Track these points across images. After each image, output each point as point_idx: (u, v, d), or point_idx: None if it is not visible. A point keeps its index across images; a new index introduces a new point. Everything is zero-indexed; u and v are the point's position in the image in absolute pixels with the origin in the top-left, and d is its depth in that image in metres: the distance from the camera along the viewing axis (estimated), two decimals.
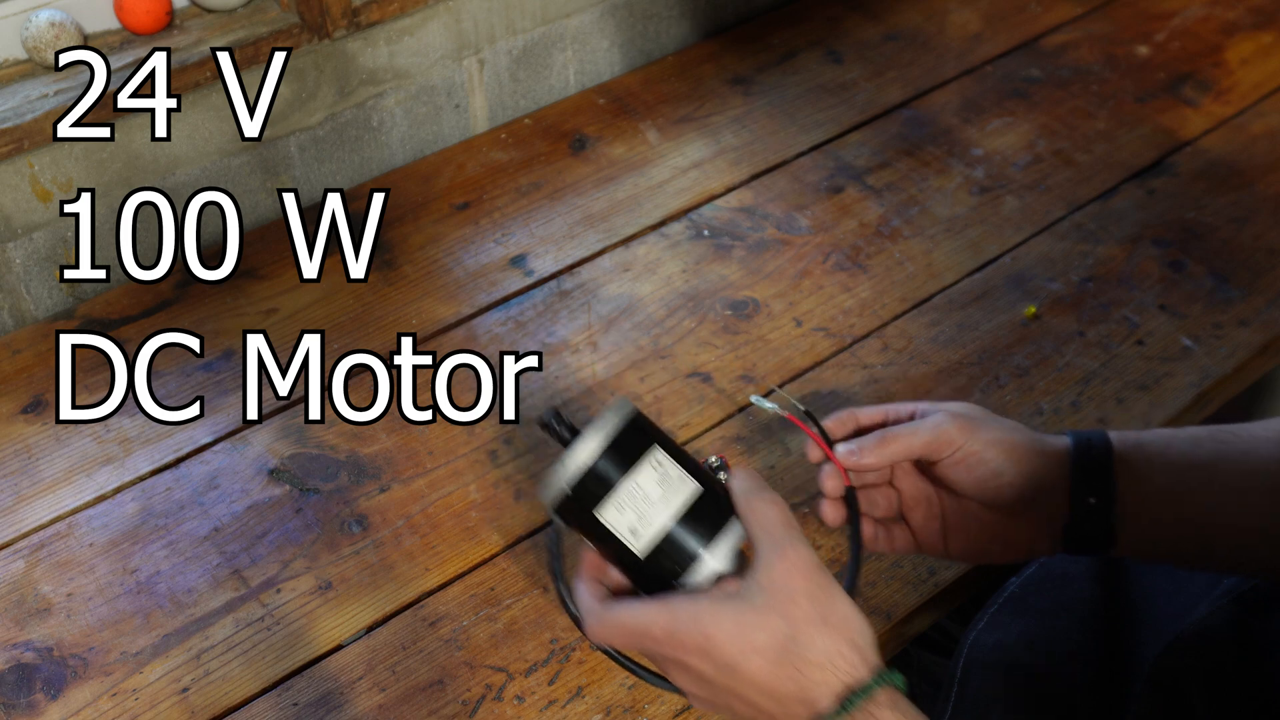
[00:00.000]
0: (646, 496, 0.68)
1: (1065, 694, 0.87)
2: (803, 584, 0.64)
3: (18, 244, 1.15)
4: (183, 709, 0.86)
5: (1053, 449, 0.76)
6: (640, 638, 0.66)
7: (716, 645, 0.64)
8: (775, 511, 0.67)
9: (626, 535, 0.68)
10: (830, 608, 0.64)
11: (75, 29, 1.12)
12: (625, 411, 0.70)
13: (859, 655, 0.64)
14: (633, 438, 0.69)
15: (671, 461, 0.69)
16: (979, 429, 0.75)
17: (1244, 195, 1.25)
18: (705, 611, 0.64)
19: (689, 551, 0.68)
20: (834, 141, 1.34)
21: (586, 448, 0.68)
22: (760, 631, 0.63)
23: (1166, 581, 0.88)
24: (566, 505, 0.69)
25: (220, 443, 1.03)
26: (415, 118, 1.34)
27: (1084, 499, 0.75)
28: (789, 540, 0.66)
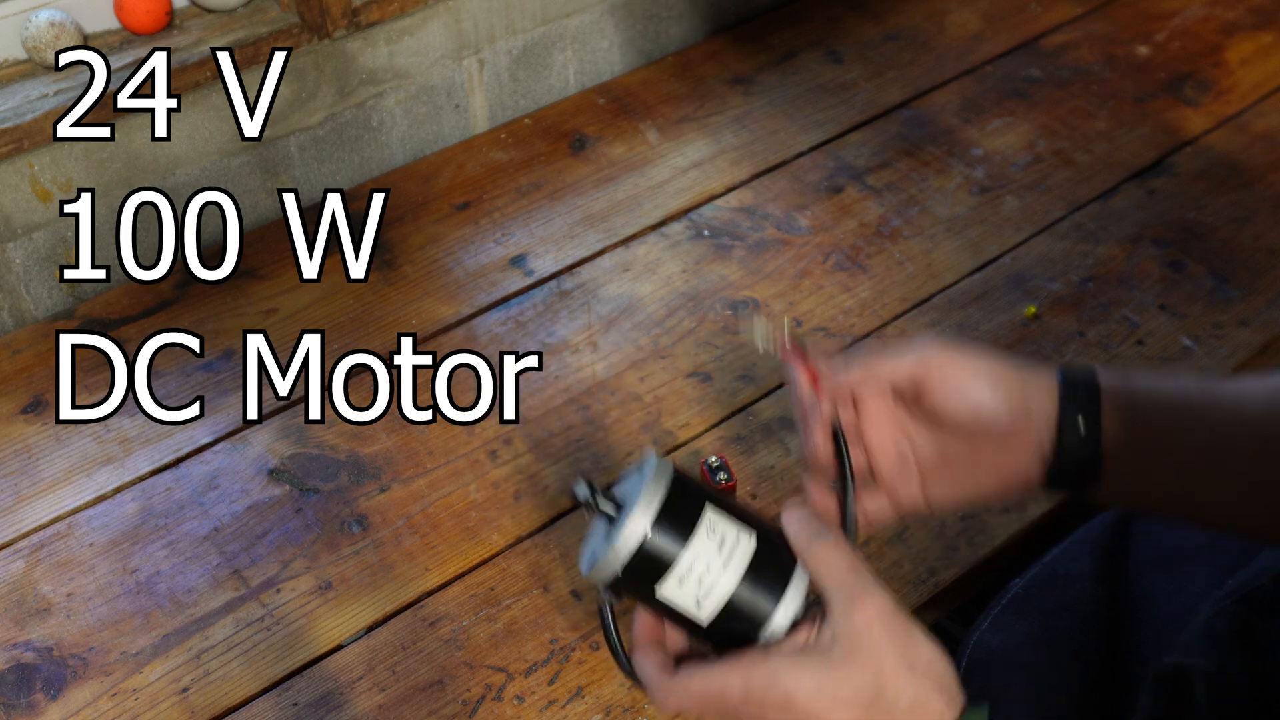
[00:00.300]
0: (708, 565, 0.64)
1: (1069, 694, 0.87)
2: (883, 633, 0.62)
3: (18, 244, 1.15)
4: (183, 709, 0.86)
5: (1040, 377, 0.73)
6: (715, 702, 0.64)
7: (799, 703, 0.62)
8: (841, 556, 0.64)
9: (690, 608, 0.64)
10: (915, 653, 0.63)
11: (75, 29, 1.12)
12: (667, 475, 0.65)
13: (946, 699, 0.62)
14: (681, 503, 0.64)
15: (724, 519, 0.65)
16: (964, 353, 0.72)
17: (1244, 195, 1.25)
18: (783, 669, 0.62)
19: (759, 612, 0.64)
20: (834, 141, 1.34)
21: (637, 525, 0.63)
22: (845, 686, 0.61)
23: (1168, 581, 0.88)
24: (619, 584, 0.65)
25: (220, 443, 1.03)
26: (415, 118, 1.34)
27: (1073, 424, 0.71)
28: (863, 586, 0.63)
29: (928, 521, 0.97)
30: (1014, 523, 0.97)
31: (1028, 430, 0.73)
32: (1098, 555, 0.93)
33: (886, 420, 0.75)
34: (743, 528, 0.65)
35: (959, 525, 0.96)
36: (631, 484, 0.67)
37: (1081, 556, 0.93)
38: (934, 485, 0.76)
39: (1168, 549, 0.90)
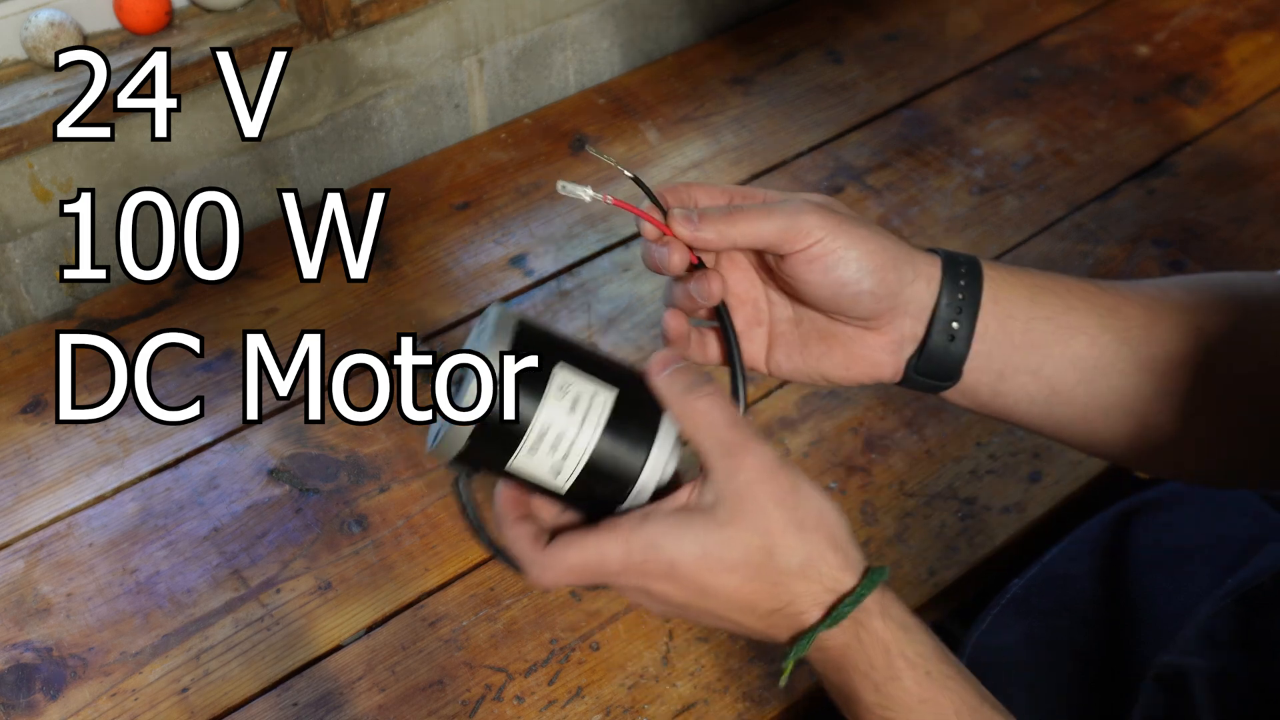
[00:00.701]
0: (561, 430, 0.58)
1: (1069, 694, 0.87)
2: (769, 489, 0.57)
3: (17, 244, 1.15)
4: (182, 709, 0.86)
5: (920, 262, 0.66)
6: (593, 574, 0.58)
7: (682, 569, 0.57)
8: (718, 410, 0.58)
9: (548, 477, 0.58)
10: (804, 510, 0.58)
11: (75, 29, 1.12)
12: (509, 331, 0.59)
13: (841, 557, 0.58)
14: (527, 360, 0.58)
15: (579, 375, 0.59)
16: (843, 225, 0.64)
17: (1244, 195, 1.25)
18: (664, 534, 0.57)
19: (624, 473, 0.58)
20: (834, 141, 1.34)
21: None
22: (730, 549, 0.57)
23: (1168, 581, 0.88)
24: (467, 457, 0.59)
25: (220, 443, 1.03)
26: (415, 118, 1.34)
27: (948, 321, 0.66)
28: (742, 442, 0.58)
29: (928, 521, 0.97)
30: (1014, 523, 0.97)
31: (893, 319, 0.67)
32: (1097, 555, 0.93)
33: (745, 270, 0.69)
34: (601, 384, 0.59)
35: (959, 525, 0.96)
36: (475, 343, 0.61)
37: (1081, 556, 0.93)
38: (778, 350, 0.69)
39: (1167, 548, 0.90)
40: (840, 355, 0.68)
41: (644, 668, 0.87)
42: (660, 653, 0.88)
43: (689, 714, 0.85)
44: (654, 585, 0.58)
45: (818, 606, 0.58)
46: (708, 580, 0.57)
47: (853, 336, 0.67)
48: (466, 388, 0.58)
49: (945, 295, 0.66)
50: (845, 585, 0.58)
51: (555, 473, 0.58)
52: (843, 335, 0.67)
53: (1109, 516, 0.95)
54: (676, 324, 0.66)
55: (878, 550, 0.95)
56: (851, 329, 0.67)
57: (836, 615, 0.57)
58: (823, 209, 0.65)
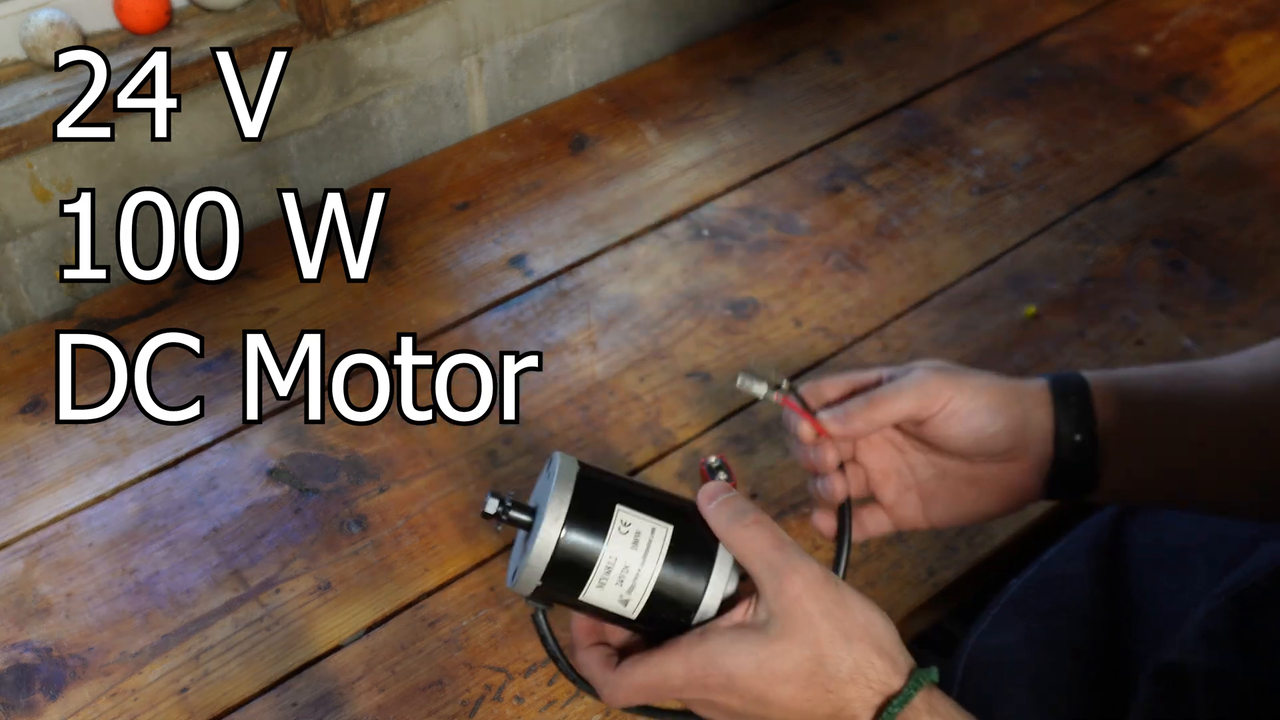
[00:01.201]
0: (626, 564, 0.64)
1: (1068, 694, 0.87)
2: (815, 603, 0.62)
3: (17, 244, 1.15)
4: (182, 709, 0.86)
5: (1032, 391, 0.74)
6: (660, 690, 0.64)
7: (740, 681, 0.62)
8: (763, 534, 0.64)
9: (617, 606, 0.64)
10: (849, 620, 0.62)
11: (75, 29, 1.12)
12: (571, 477, 0.64)
13: (888, 662, 0.62)
14: (591, 502, 0.64)
15: (637, 514, 0.65)
16: (962, 379, 0.72)
17: (1244, 195, 1.25)
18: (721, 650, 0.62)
19: (686, 598, 0.64)
20: (834, 141, 1.34)
21: (549, 534, 0.63)
22: (783, 660, 0.62)
23: (1166, 580, 0.88)
24: (543, 593, 0.65)
25: (220, 443, 1.03)
26: (415, 118, 1.34)
27: (1070, 436, 0.73)
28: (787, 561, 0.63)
29: None
30: (1013, 523, 0.97)
31: (1026, 448, 0.73)
32: (1095, 555, 0.93)
33: (885, 445, 0.76)
34: (657, 519, 0.65)
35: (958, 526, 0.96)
36: (543, 487, 0.66)
37: (1079, 556, 0.93)
38: (934, 505, 0.77)
39: (1166, 547, 0.90)
40: (991, 492, 0.75)
41: None
42: None
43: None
44: (716, 698, 0.63)
45: (868, 709, 0.62)
46: (764, 691, 0.62)
47: (997, 473, 0.74)
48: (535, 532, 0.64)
49: (1061, 416, 0.73)
50: (893, 687, 0.62)
51: (623, 603, 0.64)
52: (988, 475, 0.75)
53: (1107, 516, 0.95)
54: (827, 524, 0.74)
55: (877, 550, 0.95)
56: (995, 467, 0.74)
57: (886, 717, 0.61)
58: (940, 370, 0.73)
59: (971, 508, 0.76)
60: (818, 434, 0.72)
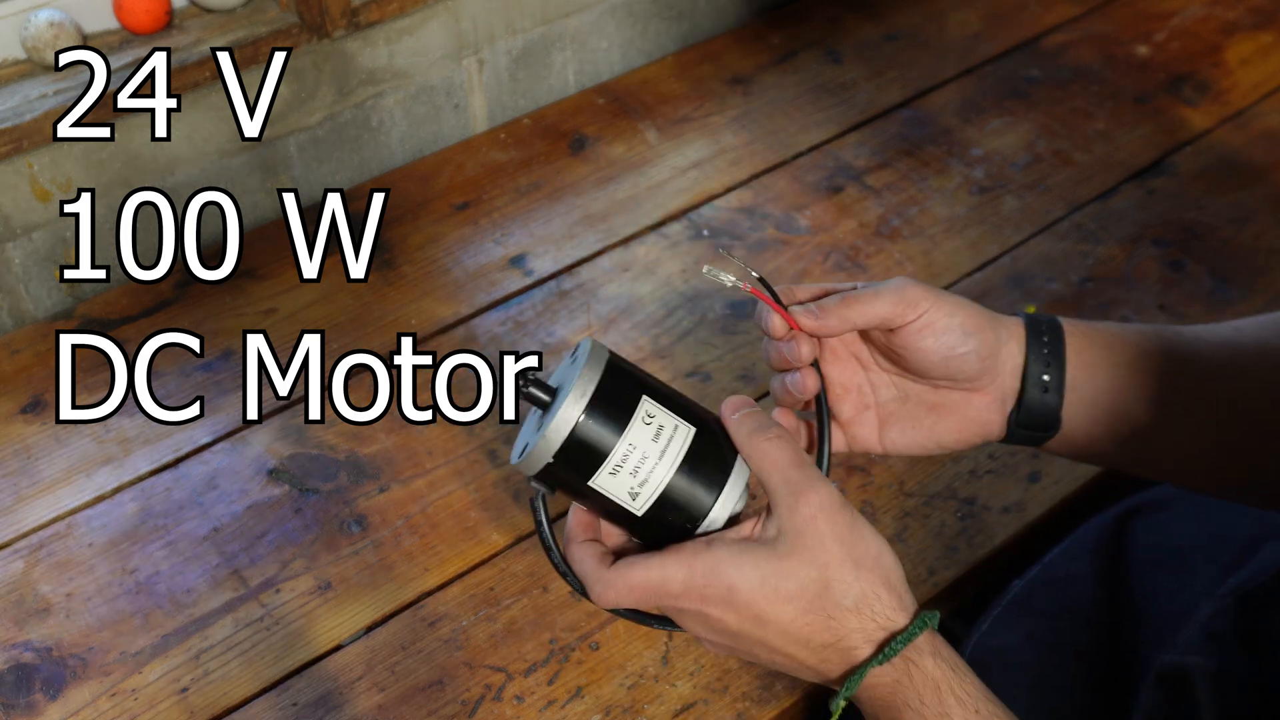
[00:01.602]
0: (643, 455, 0.61)
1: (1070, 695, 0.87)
2: (828, 526, 0.60)
3: (17, 244, 1.15)
4: (182, 709, 0.86)
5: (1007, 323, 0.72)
6: (655, 595, 0.61)
7: (741, 595, 0.60)
8: (784, 450, 0.62)
9: (624, 499, 0.62)
10: (861, 549, 0.61)
11: (75, 29, 1.12)
12: (602, 360, 0.62)
13: (895, 598, 0.61)
14: (618, 389, 0.62)
15: (662, 409, 0.62)
16: (942, 296, 0.70)
17: (1244, 195, 1.25)
18: (726, 560, 0.60)
19: (696, 503, 0.62)
20: (834, 141, 1.34)
21: (570, 412, 0.60)
22: (788, 579, 0.60)
23: (1168, 580, 0.88)
24: (551, 473, 0.62)
25: (220, 443, 1.03)
26: (415, 118, 1.34)
27: (1038, 374, 0.71)
28: (806, 479, 0.61)
29: (927, 521, 0.97)
30: (1014, 523, 0.97)
31: (993, 380, 0.71)
32: (1098, 555, 0.93)
33: (848, 360, 0.74)
34: (681, 419, 0.63)
35: (959, 525, 0.96)
36: (566, 371, 0.64)
37: (1081, 556, 0.93)
38: (891, 429, 0.74)
39: (1167, 548, 0.90)
40: (951, 421, 0.73)
41: (644, 668, 0.88)
42: (660, 653, 0.88)
43: (689, 714, 0.85)
44: (712, 610, 0.61)
45: (869, 643, 0.60)
46: (764, 608, 0.60)
47: (959, 401, 0.72)
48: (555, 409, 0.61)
49: (1033, 351, 0.71)
50: (898, 624, 0.60)
51: (633, 495, 0.62)
52: (949, 402, 0.73)
53: (1109, 517, 0.95)
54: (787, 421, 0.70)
55: None
56: (957, 394, 0.72)
57: (888, 652, 0.59)
58: (920, 284, 0.70)
59: (928, 435, 0.73)
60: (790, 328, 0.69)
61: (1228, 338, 0.73)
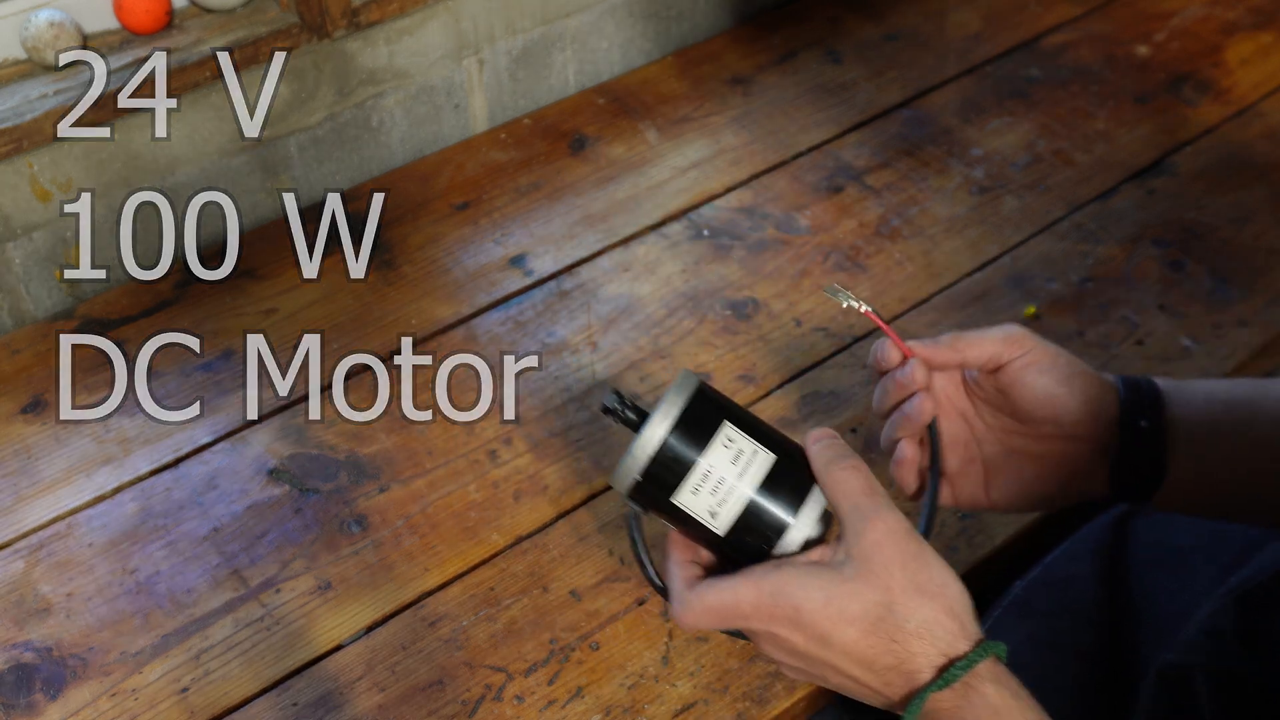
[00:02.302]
0: (721, 477, 0.66)
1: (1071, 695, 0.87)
2: (895, 552, 0.62)
3: (17, 244, 1.15)
4: (182, 709, 0.86)
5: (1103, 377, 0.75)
6: (728, 616, 0.64)
7: (807, 616, 0.62)
8: (858, 478, 0.65)
9: (705, 517, 0.66)
10: (926, 575, 0.62)
11: (75, 29, 1.12)
12: (690, 386, 0.67)
13: (958, 624, 0.62)
14: (701, 414, 0.67)
15: (743, 435, 0.67)
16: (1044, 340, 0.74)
17: (1244, 195, 1.25)
18: (792, 582, 0.63)
19: (772, 525, 0.66)
20: (834, 141, 1.34)
21: (655, 432, 0.65)
22: (853, 602, 0.62)
23: (1169, 580, 0.88)
24: (640, 490, 0.67)
25: (220, 443, 1.03)
26: (415, 118, 1.34)
27: (1135, 423, 0.73)
28: (875, 507, 0.64)
29: None
30: (1014, 522, 0.97)
31: (1094, 429, 0.74)
32: (1098, 556, 0.93)
33: (954, 414, 0.77)
34: (761, 445, 0.67)
35: (959, 525, 0.96)
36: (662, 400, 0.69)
37: (1082, 557, 0.93)
38: (996, 482, 0.77)
39: (1168, 548, 0.90)
40: (1055, 473, 0.76)
41: (644, 668, 0.88)
42: (660, 653, 0.88)
43: (689, 714, 0.85)
44: (780, 630, 0.63)
45: (931, 668, 0.61)
46: (828, 629, 0.62)
47: (1062, 452, 0.75)
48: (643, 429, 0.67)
49: (1128, 402, 0.74)
50: (959, 650, 0.62)
51: (712, 514, 0.66)
52: (1053, 453, 0.75)
53: (1110, 517, 0.95)
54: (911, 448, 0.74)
55: None
56: (1060, 444, 0.75)
57: (949, 677, 0.61)
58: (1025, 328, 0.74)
59: (1033, 487, 0.76)
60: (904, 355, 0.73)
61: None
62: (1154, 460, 0.74)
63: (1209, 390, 0.76)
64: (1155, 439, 0.73)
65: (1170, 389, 0.75)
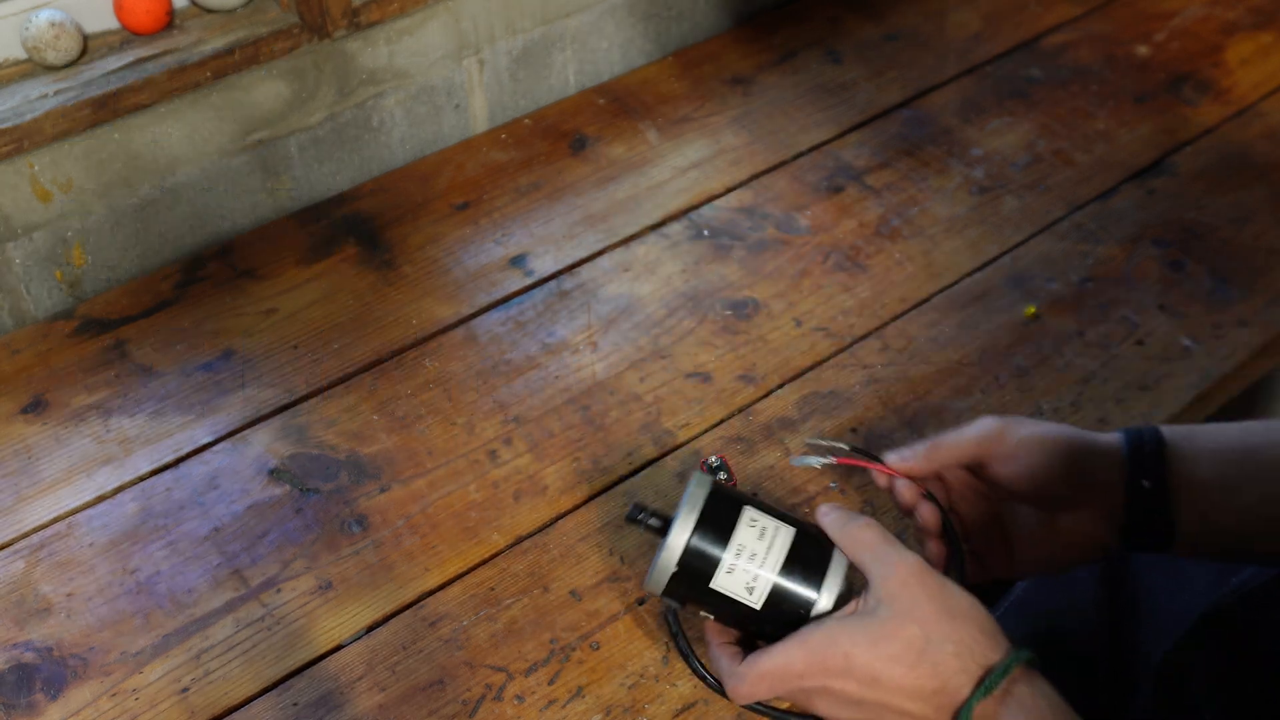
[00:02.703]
0: (752, 553, 0.72)
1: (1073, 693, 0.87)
2: (920, 588, 0.68)
3: (18, 244, 1.15)
4: (182, 709, 0.86)
5: (1103, 442, 0.78)
6: (783, 678, 0.69)
7: (856, 661, 0.67)
8: (872, 532, 0.71)
9: (742, 594, 0.72)
10: (953, 602, 0.68)
11: (75, 29, 1.12)
12: (707, 484, 0.74)
13: (990, 640, 0.68)
14: (722, 505, 0.73)
15: (763, 514, 0.73)
16: (1023, 424, 0.78)
17: (1244, 195, 1.25)
18: (838, 633, 0.68)
19: (806, 590, 0.72)
20: (834, 141, 1.34)
21: (685, 526, 0.72)
22: (894, 641, 0.67)
23: (1169, 580, 0.88)
24: (677, 584, 0.73)
25: (220, 443, 1.03)
26: (415, 118, 1.34)
27: (1138, 484, 0.76)
28: (895, 552, 0.70)
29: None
30: None
31: (1094, 498, 0.77)
32: None
33: (975, 497, 0.82)
34: (781, 521, 0.74)
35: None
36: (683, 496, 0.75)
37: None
38: (1019, 553, 0.81)
39: None
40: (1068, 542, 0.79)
41: (644, 667, 0.88)
42: (660, 652, 0.88)
43: (689, 714, 0.85)
44: (833, 683, 0.68)
45: (970, 682, 0.67)
46: (879, 670, 0.67)
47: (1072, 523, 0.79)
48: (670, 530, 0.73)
49: (1131, 462, 0.77)
50: (993, 660, 0.67)
51: (749, 590, 0.72)
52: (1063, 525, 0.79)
53: None
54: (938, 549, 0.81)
55: None
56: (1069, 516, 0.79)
57: (989, 684, 0.66)
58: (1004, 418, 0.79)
59: (1049, 556, 0.80)
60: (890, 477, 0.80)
61: None
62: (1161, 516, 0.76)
63: (1216, 442, 0.77)
64: (1161, 498, 0.76)
65: (1176, 440, 0.77)
